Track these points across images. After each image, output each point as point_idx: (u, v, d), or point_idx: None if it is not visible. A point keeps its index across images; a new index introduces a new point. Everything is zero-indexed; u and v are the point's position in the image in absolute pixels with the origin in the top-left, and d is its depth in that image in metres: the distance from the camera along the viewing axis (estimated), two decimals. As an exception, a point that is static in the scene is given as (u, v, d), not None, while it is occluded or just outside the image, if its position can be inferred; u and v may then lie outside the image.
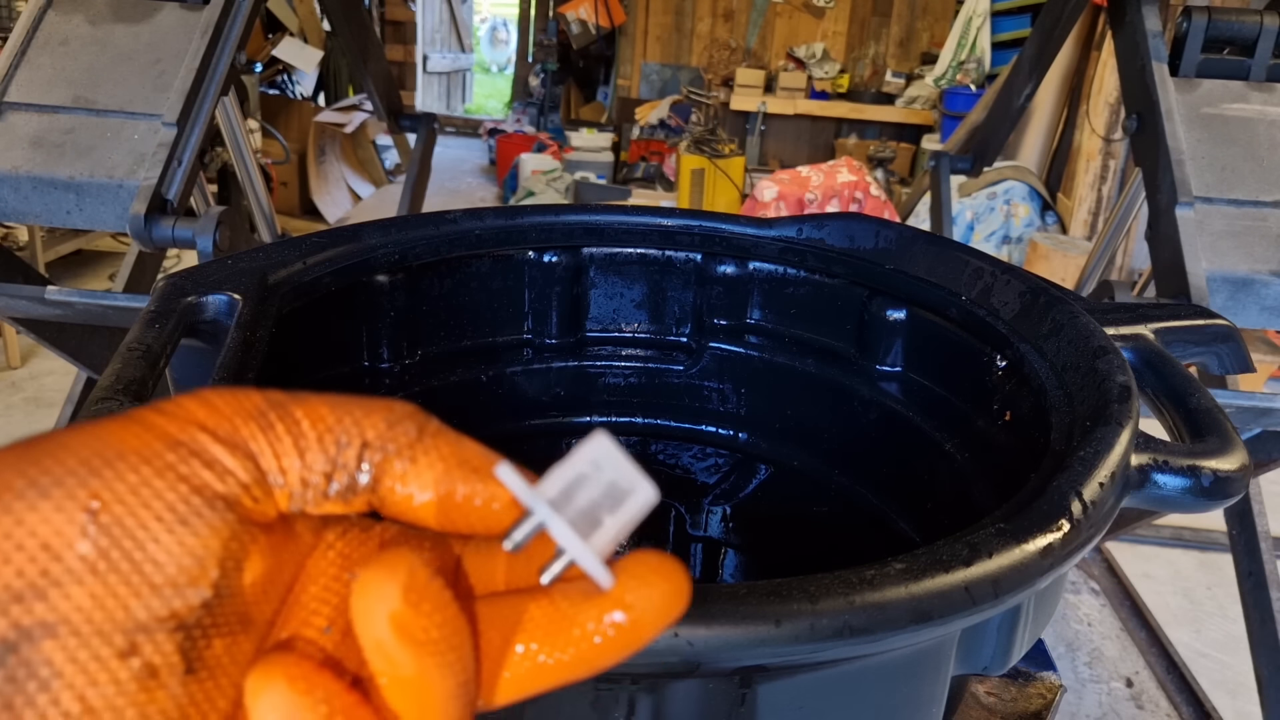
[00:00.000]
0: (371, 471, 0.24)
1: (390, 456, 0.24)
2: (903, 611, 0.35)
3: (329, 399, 0.25)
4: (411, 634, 0.21)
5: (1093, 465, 0.43)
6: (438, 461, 0.25)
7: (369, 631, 0.21)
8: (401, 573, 0.21)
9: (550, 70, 6.25)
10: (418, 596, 0.21)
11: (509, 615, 0.24)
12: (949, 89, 5.31)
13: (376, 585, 0.21)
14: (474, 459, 0.25)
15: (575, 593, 0.24)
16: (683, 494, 0.95)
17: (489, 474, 0.25)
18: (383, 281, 0.76)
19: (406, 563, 0.22)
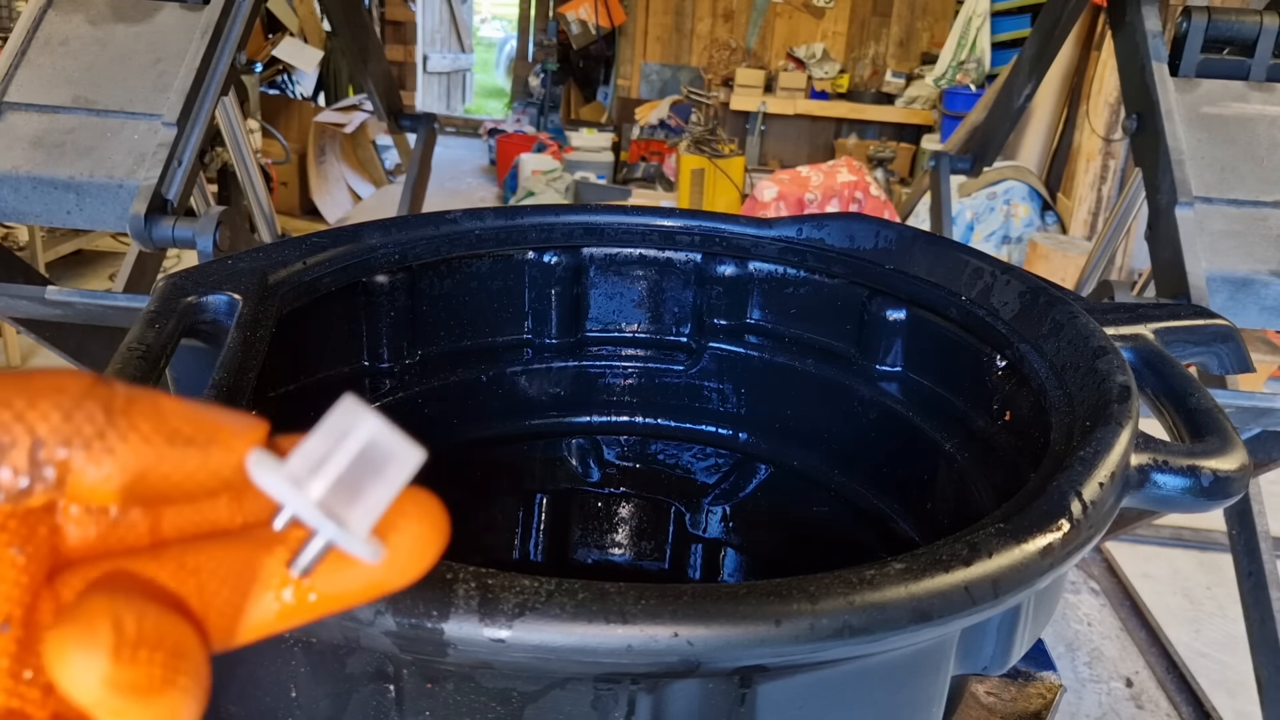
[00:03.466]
0: (54, 471, 0.20)
1: (76, 449, 0.20)
2: (903, 611, 0.35)
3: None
4: (131, 686, 0.19)
5: (1093, 465, 0.43)
6: (140, 445, 0.21)
7: (82, 694, 0.19)
8: (104, 632, 0.19)
9: (550, 70, 6.25)
10: (131, 650, 0.19)
11: (243, 566, 0.22)
12: (949, 89, 5.31)
13: (77, 652, 0.19)
14: (184, 429, 0.21)
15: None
16: (683, 494, 0.95)
17: (207, 445, 0.22)
18: (383, 281, 0.76)
19: (108, 615, 0.19)
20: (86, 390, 0.21)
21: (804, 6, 5.98)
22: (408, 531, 0.23)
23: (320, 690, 0.38)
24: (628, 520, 0.97)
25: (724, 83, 6.02)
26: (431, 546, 0.24)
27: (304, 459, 0.22)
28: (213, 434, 0.22)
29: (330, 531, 0.22)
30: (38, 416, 0.20)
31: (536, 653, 0.33)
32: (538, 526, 0.94)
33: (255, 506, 0.23)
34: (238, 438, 0.22)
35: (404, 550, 0.23)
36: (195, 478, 0.22)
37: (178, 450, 0.21)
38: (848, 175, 4.08)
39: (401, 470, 0.23)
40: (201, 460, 0.22)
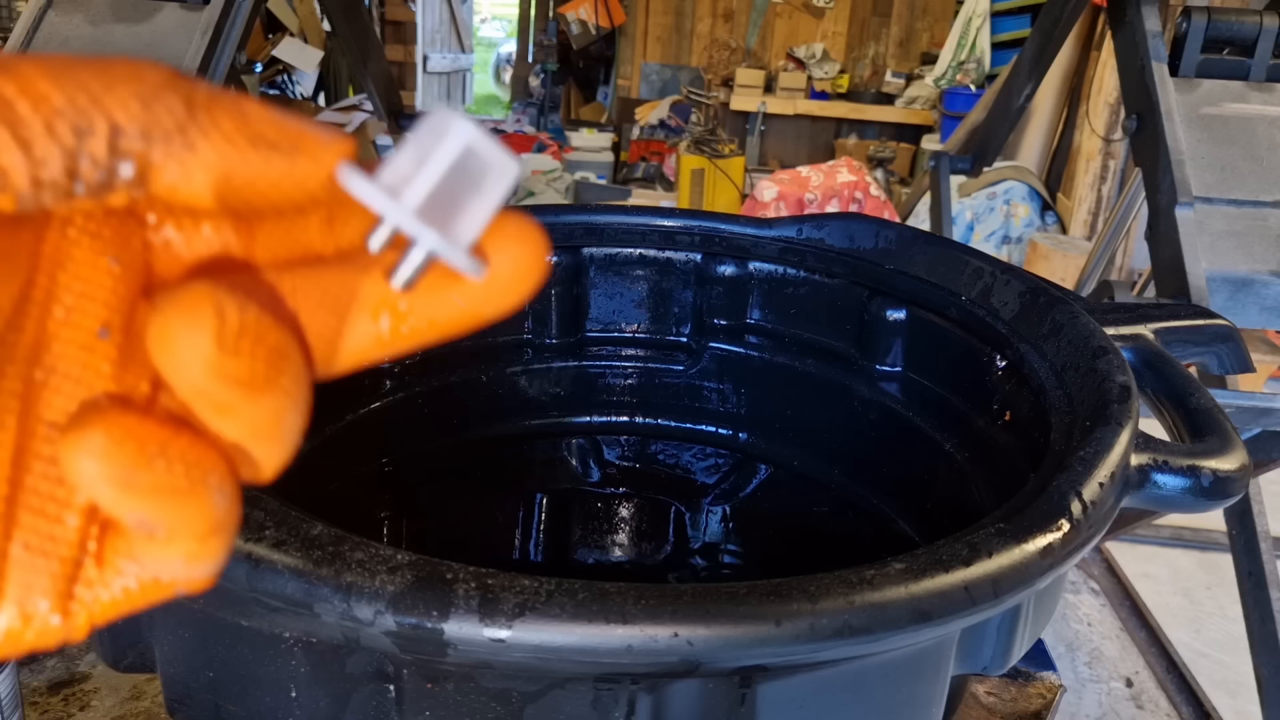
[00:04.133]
0: (134, 164, 0.19)
1: (156, 143, 0.19)
2: (903, 611, 0.35)
3: (52, 67, 0.19)
4: (237, 377, 0.19)
5: (1093, 465, 0.43)
6: (222, 144, 0.20)
7: (185, 382, 0.19)
8: (208, 317, 0.18)
9: (550, 70, 6.25)
10: (233, 340, 0.19)
11: (340, 289, 0.21)
12: (949, 89, 5.31)
13: (181, 337, 0.18)
14: (268, 132, 0.20)
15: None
16: (683, 494, 0.95)
17: (293, 151, 0.20)
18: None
19: (211, 303, 0.18)
20: (166, 81, 0.20)
21: (804, 6, 5.98)
22: (508, 251, 0.22)
23: (320, 690, 0.38)
24: (628, 520, 0.97)
25: (724, 83, 6.02)
26: (533, 269, 0.22)
27: (397, 169, 0.20)
28: (299, 141, 0.21)
29: (431, 240, 0.20)
30: (115, 103, 0.19)
31: (536, 653, 0.33)
32: (538, 526, 0.94)
33: (348, 230, 0.22)
34: (325, 149, 0.21)
35: (505, 270, 0.22)
36: (281, 186, 0.21)
37: (262, 154, 0.20)
38: (848, 175, 4.09)
39: (501, 182, 0.21)
40: (288, 166, 0.20)
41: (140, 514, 0.19)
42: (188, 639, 0.41)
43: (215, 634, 0.39)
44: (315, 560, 0.34)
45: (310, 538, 0.35)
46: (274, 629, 0.37)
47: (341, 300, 0.22)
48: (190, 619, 0.40)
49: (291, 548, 0.34)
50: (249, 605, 0.35)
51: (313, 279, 0.22)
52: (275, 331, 0.20)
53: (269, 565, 0.34)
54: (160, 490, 0.19)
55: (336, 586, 0.33)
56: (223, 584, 0.35)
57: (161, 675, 0.43)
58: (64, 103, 0.18)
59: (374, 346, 0.22)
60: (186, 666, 0.41)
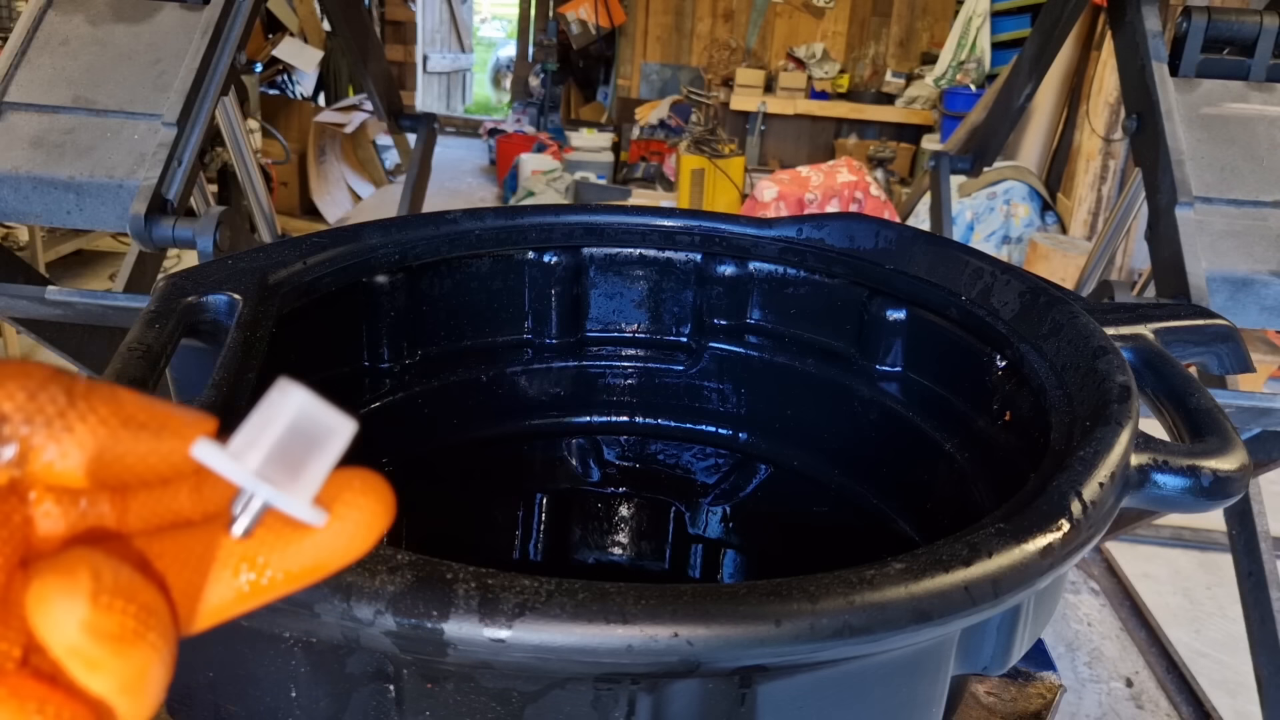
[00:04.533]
0: (17, 447, 0.22)
1: (37, 428, 0.22)
2: (903, 611, 0.35)
3: None
4: (107, 633, 0.20)
5: (1093, 465, 0.43)
6: (98, 427, 0.22)
7: (60, 641, 0.20)
8: (84, 579, 0.20)
9: (550, 70, 6.25)
10: (108, 599, 0.21)
11: (201, 549, 0.24)
12: (949, 89, 5.31)
13: (58, 598, 0.20)
14: (138, 415, 0.23)
15: (275, 521, 0.24)
16: (683, 494, 0.95)
17: (160, 431, 0.23)
18: (383, 281, 0.76)
19: (88, 566, 0.21)
20: (50, 376, 0.22)
21: (804, 6, 5.98)
22: (353, 504, 0.25)
23: (320, 690, 0.38)
24: (628, 520, 0.97)
25: (724, 83, 6.02)
26: (377, 519, 0.25)
27: (243, 437, 0.23)
28: (165, 422, 0.23)
29: (265, 493, 0.23)
30: (3, 395, 0.21)
31: (536, 653, 0.33)
32: (538, 526, 0.94)
33: (215, 496, 0.25)
34: (189, 427, 0.24)
35: (350, 521, 0.25)
36: (148, 461, 0.23)
37: (132, 433, 0.23)
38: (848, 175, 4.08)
39: (336, 440, 0.24)
40: (154, 444, 0.23)
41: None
42: (188, 639, 0.41)
43: (215, 634, 0.39)
44: (315, 560, 0.34)
45: (310, 538, 0.35)
46: (274, 629, 0.37)
47: (204, 559, 0.24)
48: (190, 619, 0.40)
49: (291, 548, 0.34)
50: (249, 605, 0.35)
51: (179, 541, 0.24)
52: (145, 590, 0.22)
53: (269, 565, 0.34)
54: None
55: (336, 586, 0.33)
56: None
57: (161, 675, 0.43)
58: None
59: (236, 601, 0.25)
60: (186, 666, 0.41)
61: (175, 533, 0.24)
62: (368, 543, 0.25)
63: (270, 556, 0.24)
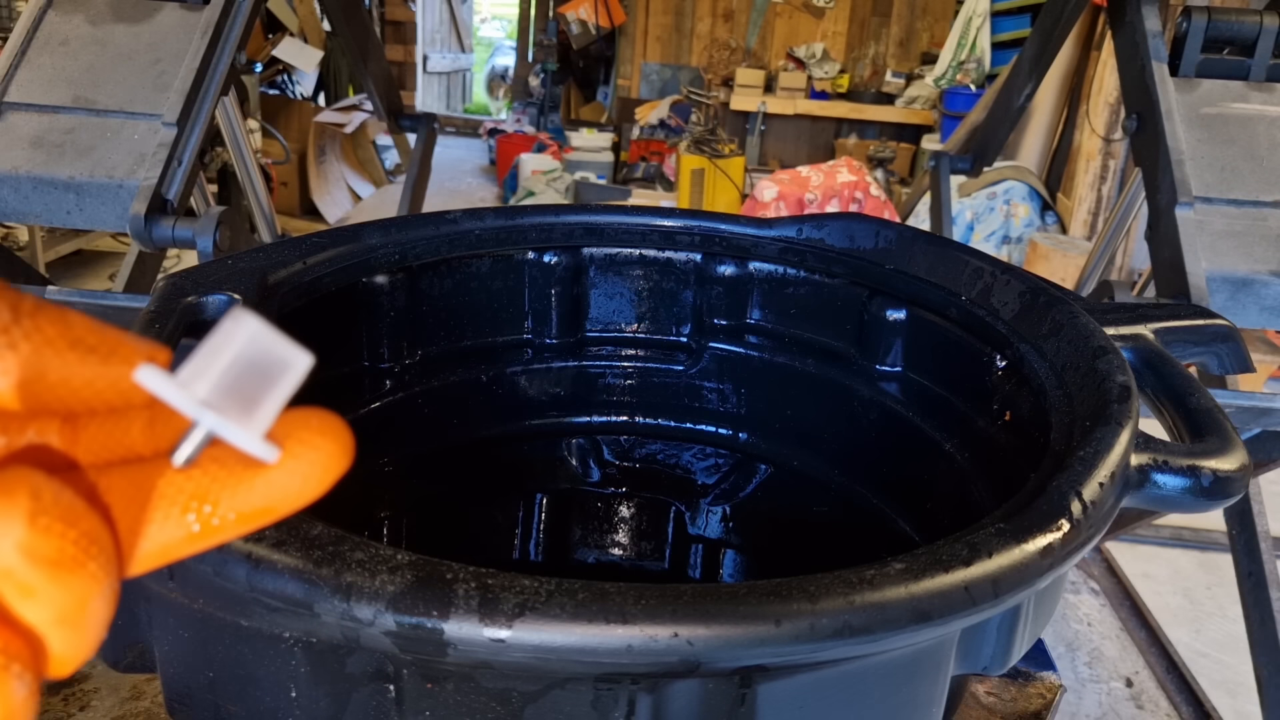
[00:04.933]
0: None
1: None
2: (903, 611, 0.35)
3: None
4: (45, 557, 0.20)
5: (1093, 465, 0.43)
6: (43, 347, 0.21)
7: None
8: (23, 498, 0.19)
9: (550, 70, 6.25)
10: (46, 520, 0.20)
11: (150, 484, 0.23)
12: (949, 89, 5.31)
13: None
14: (87, 338, 0.22)
15: (227, 457, 0.23)
16: (683, 494, 0.95)
17: (109, 356, 0.22)
18: (383, 281, 0.76)
19: (27, 485, 0.20)
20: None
21: (804, 6, 5.98)
22: (308, 443, 0.23)
23: (320, 690, 0.38)
24: (628, 520, 0.97)
25: (724, 83, 6.02)
26: (334, 460, 0.24)
27: (193, 366, 0.22)
28: (115, 347, 0.22)
29: (211, 420, 0.22)
30: None
31: (536, 653, 0.33)
32: (538, 526, 0.94)
33: (168, 431, 0.24)
34: (138, 354, 0.23)
35: (305, 460, 0.23)
36: (95, 386, 0.22)
37: (79, 356, 0.22)
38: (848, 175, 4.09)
39: (291, 373, 0.23)
40: (101, 368, 0.22)
41: None
42: (188, 639, 0.41)
43: (215, 634, 0.39)
44: (315, 560, 0.34)
45: (310, 538, 0.35)
46: (274, 629, 0.37)
47: (151, 494, 0.23)
48: (190, 619, 0.40)
49: (291, 548, 0.34)
50: (249, 605, 0.35)
51: (128, 475, 0.23)
52: (88, 518, 0.21)
53: (269, 565, 0.34)
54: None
55: (336, 586, 0.33)
56: (223, 584, 0.35)
57: (161, 675, 0.43)
58: None
59: (186, 541, 0.23)
60: (186, 666, 0.41)
61: (124, 467, 0.23)
62: (323, 484, 0.24)
63: (220, 494, 0.23)
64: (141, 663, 0.43)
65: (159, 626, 0.42)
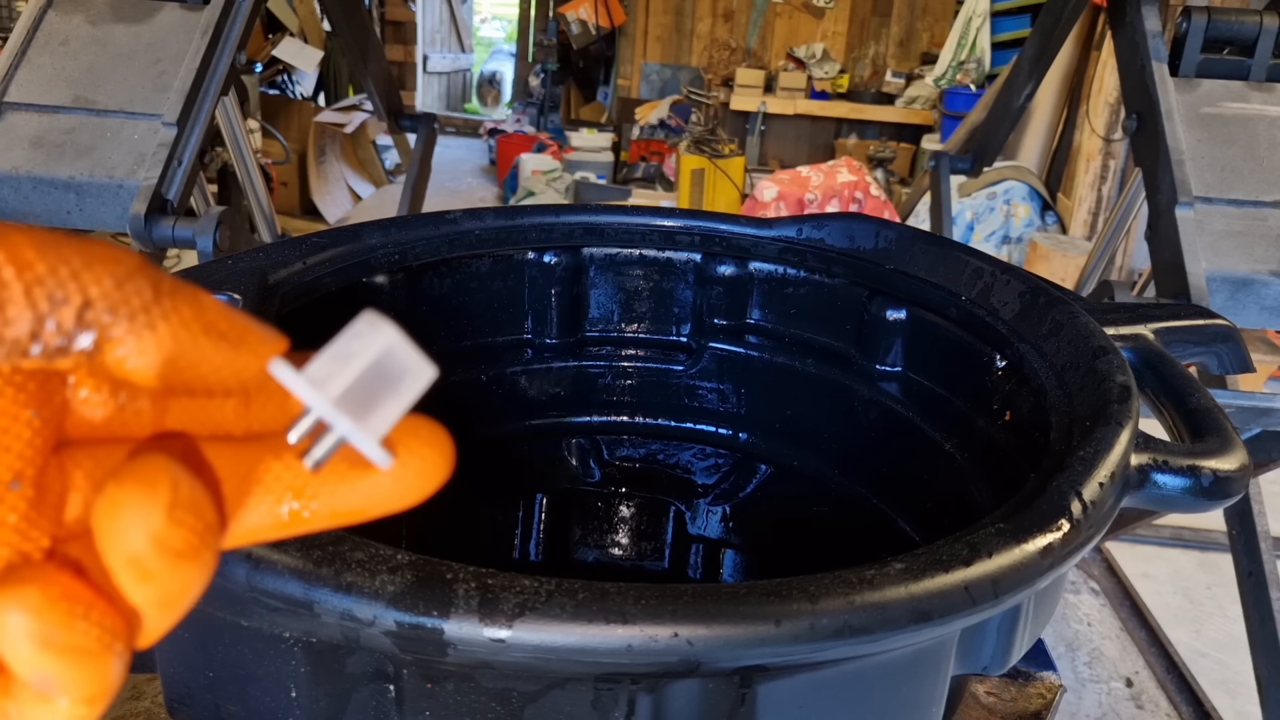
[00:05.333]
0: (95, 336, 0.20)
1: (120, 319, 0.20)
2: (903, 611, 0.35)
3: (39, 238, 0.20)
4: (172, 548, 0.20)
5: (1093, 465, 0.43)
6: (180, 329, 0.21)
7: (123, 549, 0.20)
8: (164, 490, 0.20)
9: (550, 70, 6.25)
10: (182, 514, 0.20)
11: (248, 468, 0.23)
12: (949, 89, 5.31)
13: (134, 506, 0.19)
14: (219, 323, 0.22)
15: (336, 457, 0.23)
16: (683, 494, 0.95)
17: (238, 343, 0.22)
18: (383, 281, 0.76)
19: (168, 476, 0.20)
20: (139, 266, 0.21)
21: (804, 6, 5.98)
22: (417, 452, 0.24)
23: (320, 690, 0.38)
24: (628, 520, 0.97)
25: (724, 83, 6.02)
26: (438, 472, 0.24)
27: (323, 364, 0.22)
28: (245, 335, 0.22)
29: (344, 427, 0.22)
30: (92, 279, 0.20)
31: (536, 653, 0.33)
32: (538, 526, 0.94)
33: (263, 415, 0.24)
34: (265, 343, 0.23)
35: (411, 469, 0.24)
36: (220, 373, 0.22)
37: (212, 342, 0.22)
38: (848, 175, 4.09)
39: (415, 383, 0.23)
40: (231, 356, 0.22)
41: (47, 673, 0.19)
42: (188, 639, 0.41)
43: (215, 634, 0.39)
44: (315, 560, 0.34)
45: (310, 538, 0.35)
46: (274, 629, 0.37)
47: (250, 479, 0.23)
48: (190, 619, 0.40)
49: (291, 548, 0.34)
50: (249, 605, 0.35)
51: (226, 455, 0.23)
52: (211, 509, 0.21)
53: (269, 565, 0.34)
54: (74, 652, 0.19)
55: (336, 586, 0.33)
56: (223, 584, 0.35)
57: (161, 675, 0.43)
58: (46, 272, 0.19)
59: (273, 527, 0.23)
60: (186, 666, 0.41)
61: (229, 447, 0.23)
62: (422, 494, 0.24)
63: (320, 491, 0.23)
64: (142, 663, 0.43)
65: (159, 626, 0.42)
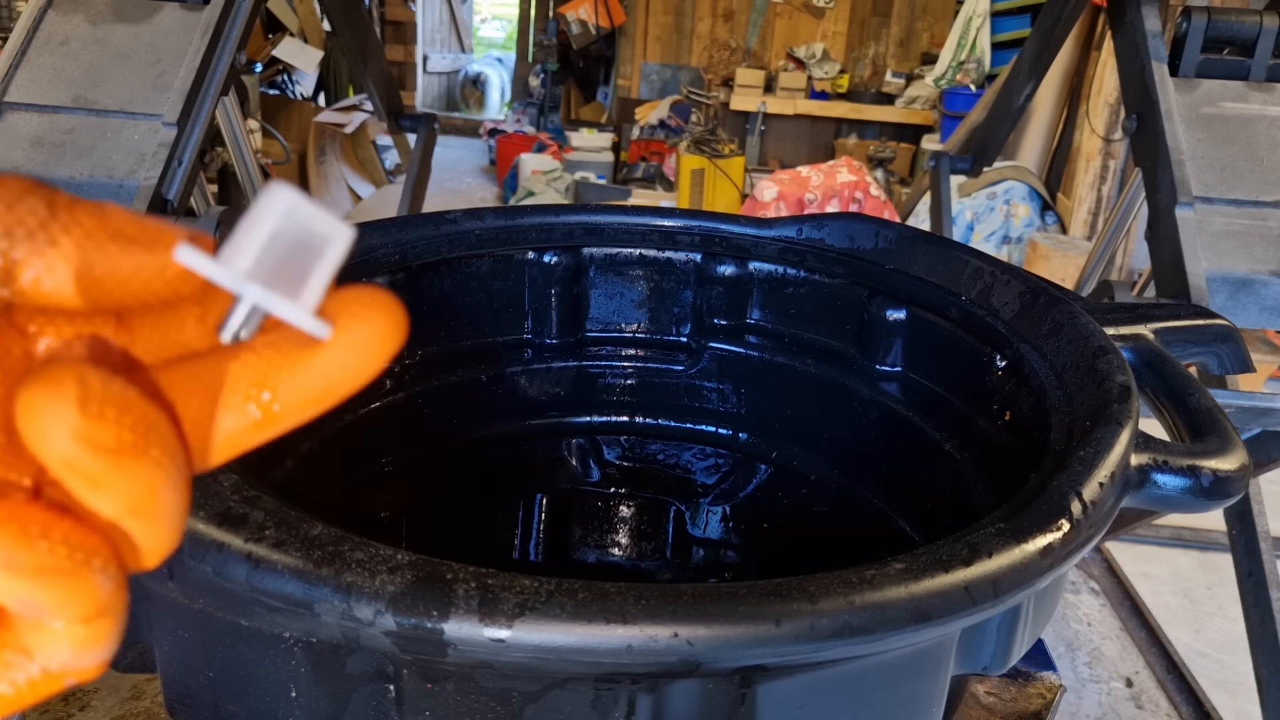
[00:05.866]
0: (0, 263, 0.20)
1: (19, 241, 0.20)
2: (903, 611, 0.35)
3: None
4: (104, 444, 0.19)
5: (1093, 465, 0.43)
6: (84, 240, 0.21)
7: (53, 454, 0.19)
8: (70, 386, 0.19)
9: (550, 70, 6.25)
10: (97, 406, 0.19)
11: (210, 375, 0.23)
12: (949, 89, 5.31)
13: (45, 406, 0.19)
14: (127, 228, 0.22)
15: (282, 341, 0.23)
16: (683, 494, 0.95)
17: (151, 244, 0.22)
18: (382, 282, 0.76)
19: (73, 374, 0.19)
20: (28, 187, 0.21)
21: (804, 6, 5.98)
22: (360, 317, 0.23)
23: (320, 690, 0.38)
24: (628, 520, 0.97)
25: (724, 83, 6.02)
26: (389, 334, 0.23)
27: (233, 244, 0.22)
28: (156, 236, 0.22)
29: (256, 293, 0.22)
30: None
31: (536, 653, 0.33)
32: (538, 526, 0.94)
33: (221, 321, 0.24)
34: (181, 240, 0.22)
35: (358, 335, 0.23)
36: (142, 277, 0.22)
37: (121, 246, 0.21)
38: (848, 175, 4.09)
39: (334, 246, 0.23)
40: (146, 257, 0.22)
41: (23, 596, 0.19)
42: (188, 639, 0.41)
43: (215, 634, 0.39)
44: (315, 560, 0.34)
45: (310, 538, 0.35)
46: (274, 629, 0.37)
47: (212, 386, 0.22)
48: (190, 619, 0.40)
49: (291, 548, 0.34)
50: (249, 605, 0.35)
51: (188, 370, 0.23)
52: (142, 404, 0.20)
53: (269, 565, 0.34)
54: (43, 571, 0.19)
55: (336, 586, 0.33)
56: (223, 584, 0.35)
57: (161, 675, 0.43)
58: None
59: (251, 429, 0.23)
60: (186, 666, 0.41)
61: (183, 362, 0.23)
62: (380, 360, 0.23)
63: (279, 379, 0.23)
64: (141, 663, 0.44)
65: (159, 626, 0.42)
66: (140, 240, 0.22)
